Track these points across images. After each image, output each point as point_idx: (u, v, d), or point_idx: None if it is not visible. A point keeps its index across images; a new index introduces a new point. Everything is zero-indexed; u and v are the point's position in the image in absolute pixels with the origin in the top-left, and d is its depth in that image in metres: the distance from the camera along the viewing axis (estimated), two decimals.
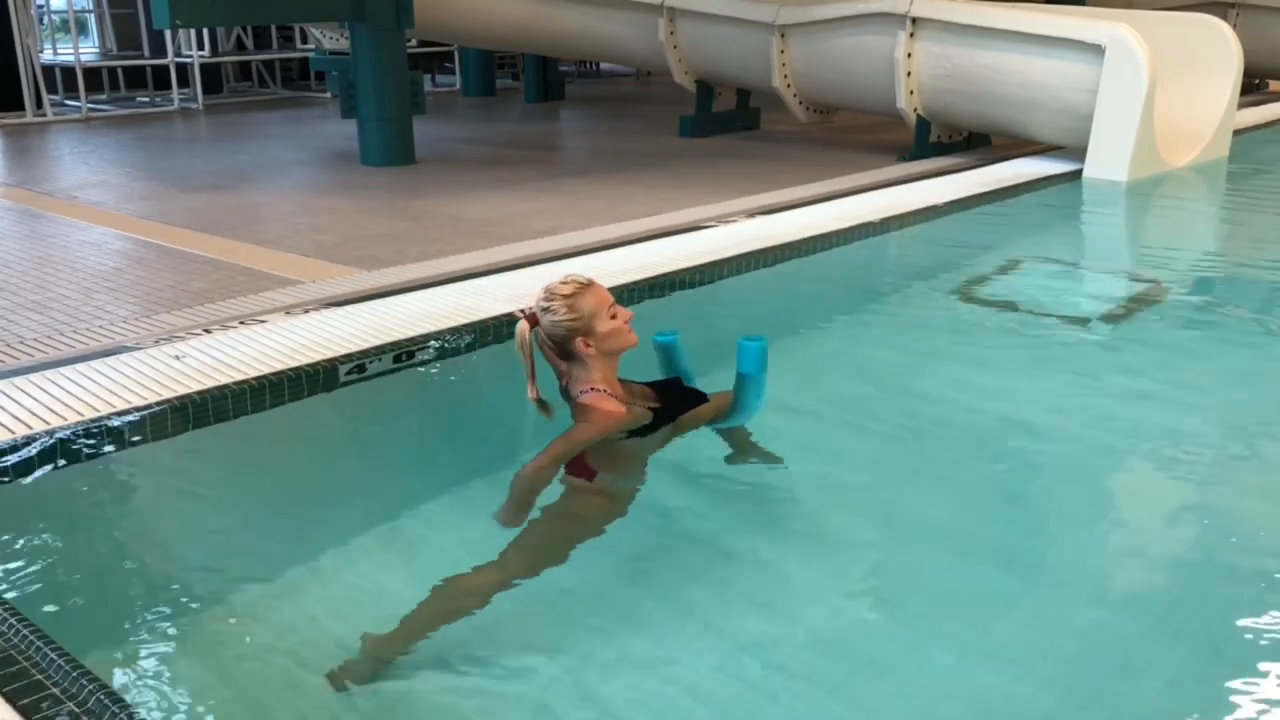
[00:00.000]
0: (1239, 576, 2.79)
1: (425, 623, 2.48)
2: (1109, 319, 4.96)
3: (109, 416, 3.40)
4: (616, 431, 2.87)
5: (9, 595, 2.49)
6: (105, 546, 2.96)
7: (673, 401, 3.08)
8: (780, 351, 4.11)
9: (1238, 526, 3.08)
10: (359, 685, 2.33)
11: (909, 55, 8.68)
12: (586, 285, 2.86)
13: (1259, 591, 2.71)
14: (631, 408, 2.94)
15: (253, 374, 3.75)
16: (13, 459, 3.18)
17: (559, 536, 2.78)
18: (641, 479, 2.94)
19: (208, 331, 4.26)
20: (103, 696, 2.03)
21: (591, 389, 2.90)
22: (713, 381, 3.21)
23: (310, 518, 3.11)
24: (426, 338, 4.21)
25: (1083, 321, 4.90)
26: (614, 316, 2.87)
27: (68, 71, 13.40)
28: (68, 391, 3.60)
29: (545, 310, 2.84)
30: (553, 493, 2.80)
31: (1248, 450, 3.58)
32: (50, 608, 2.51)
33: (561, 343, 2.85)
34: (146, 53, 14.34)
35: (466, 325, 4.34)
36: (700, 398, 3.12)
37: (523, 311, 2.93)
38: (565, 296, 2.85)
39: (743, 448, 3.24)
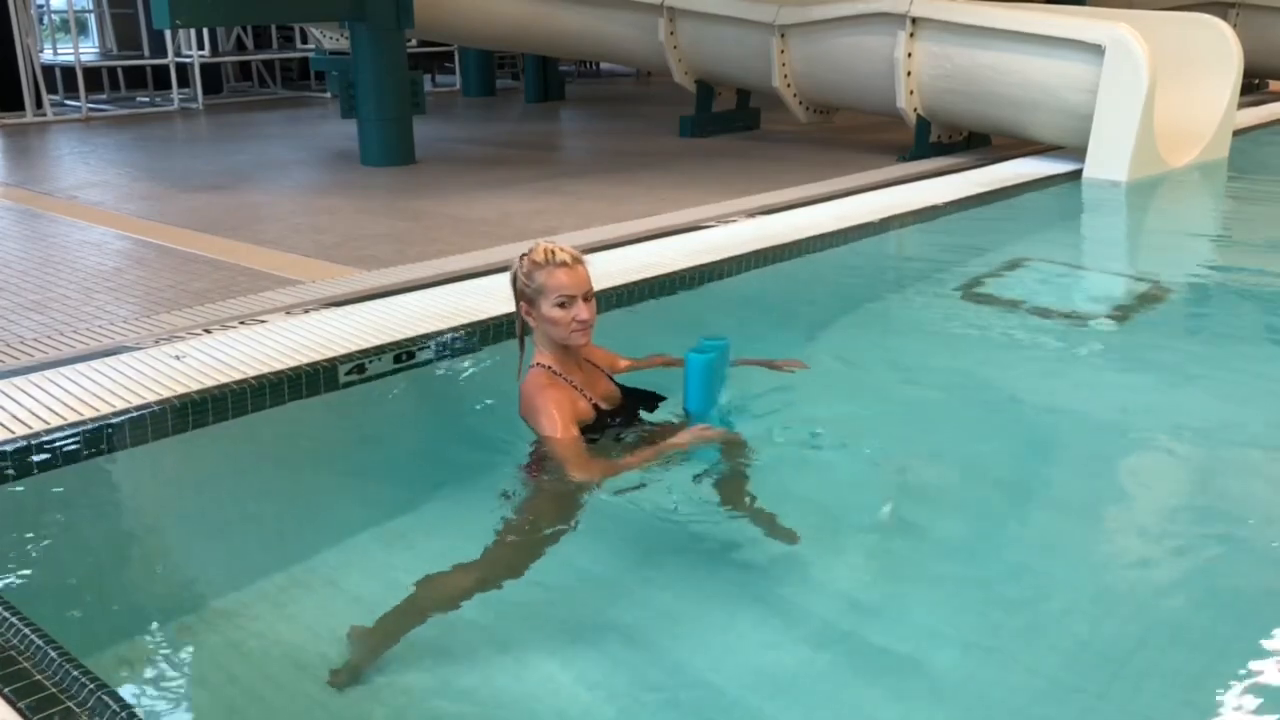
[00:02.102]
0: (1243, 577, 2.79)
1: (405, 620, 2.48)
2: (1109, 319, 4.96)
3: (109, 416, 3.40)
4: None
5: (9, 595, 2.49)
6: (105, 546, 2.96)
7: (626, 412, 3.07)
8: (779, 351, 4.11)
9: (1240, 526, 3.08)
10: (350, 683, 2.33)
11: (909, 55, 8.69)
12: (561, 265, 2.85)
13: (1262, 590, 2.71)
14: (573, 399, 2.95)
15: (253, 374, 3.75)
16: (14, 458, 3.18)
17: (527, 534, 2.80)
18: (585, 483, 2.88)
19: (208, 331, 4.26)
20: (103, 696, 2.03)
21: (538, 364, 2.95)
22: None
23: (310, 517, 3.11)
24: (426, 338, 4.21)
25: (1083, 321, 4.90)
26: (562, 305, 2.85)
27: (68, 71, 13.40)
28: (68, 391, 3.60)
29: (520, 261, 2.90)
30: (521, 493, 2.88)
31: (1248, 449, 3.58)
32: (50, 608, 2.51)
33: (515, 299, 2.93)
34: (146, 53, 14.33)
35: (466, 325, 4.34)
36: (646, 402, 3.12)
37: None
38: (534, 260, 2.88)
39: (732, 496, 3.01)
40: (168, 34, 13.25)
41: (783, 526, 2.81)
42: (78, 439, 3.30)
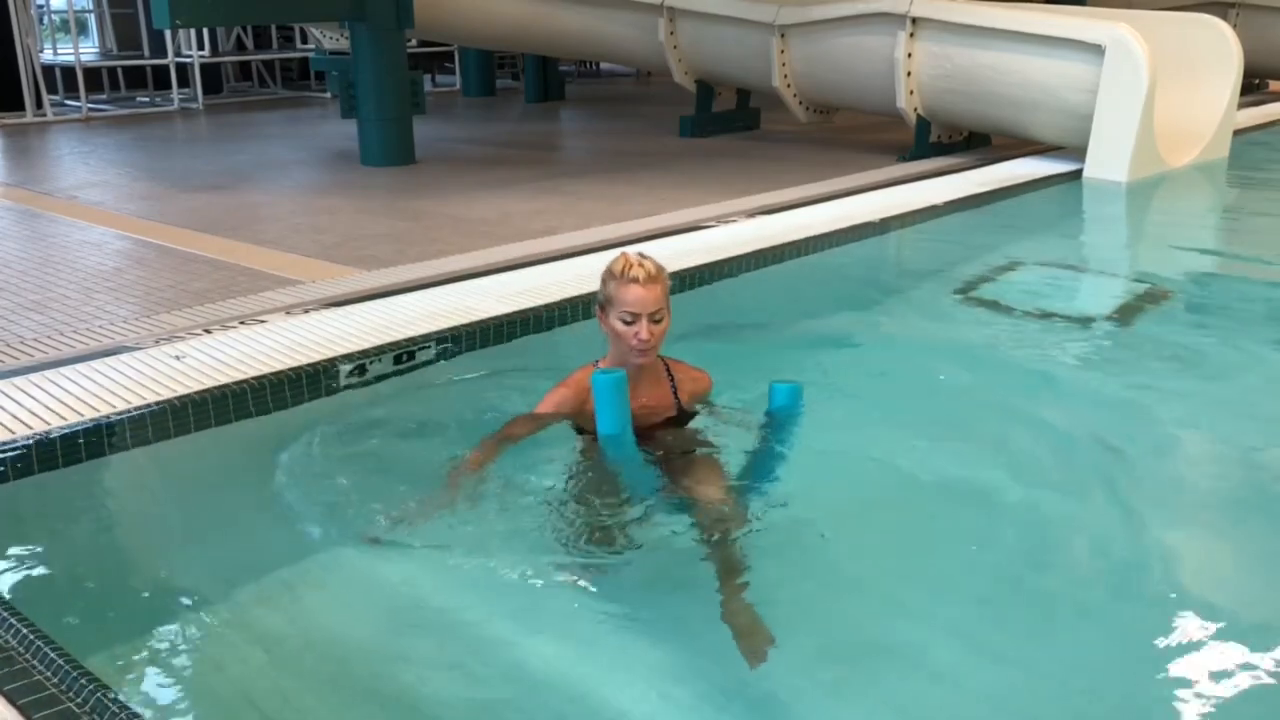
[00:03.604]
0: (1242, 581, 2.79)
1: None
2: (1109, 319, 4.95)
3: (109, 416, 3.40)
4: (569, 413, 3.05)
5: (9, 595, 2.49)
6: (105, 547, 2.96)
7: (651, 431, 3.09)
8: (778, 352, 4.12)
9: (1239, 527, 3.08)
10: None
11: (909, 55, 8.68)
12: (633, 281, 2.87)
13: (1259, 593, 2.71)
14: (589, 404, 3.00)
15: (253, 374, 3.75)
16: (14, 459, 3.18)
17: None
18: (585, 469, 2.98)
19: (208, 331, 4.26)
20: (103, 696, 2.03)
21: (597, 362, 3.03)
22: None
23: (310, 517, 3.11)
24: (426, 338, 4.21)
25: (1083, 322, 4.90)
26: (628, 322, 2.88)
27: (68, 71, 13.39)
28: (68, 391, 3.60)
29: (609, 264, 2.97)
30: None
31: (1248, 450, 3.58)
32: (50, 608, 2.51)
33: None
34: (146, 53, 14.33)
35: (466, 325, 4.34)
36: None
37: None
38: (612, 268, 2.93)
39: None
40: (168, 34, 13.25)
41: (761, 628, 2.44)
42: (78, 439, 3.29)
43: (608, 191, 7.79)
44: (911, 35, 8.61)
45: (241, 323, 4.39)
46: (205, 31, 14.27)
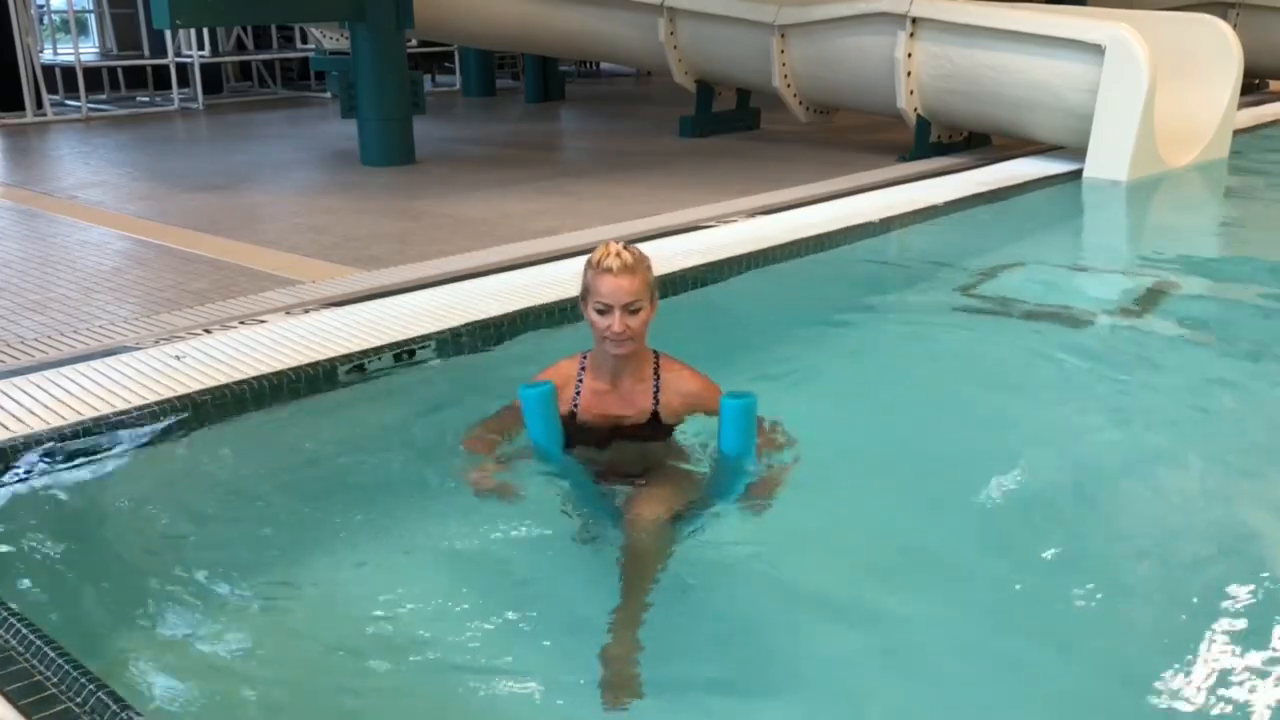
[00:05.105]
0: (1239, 579, 2.79)
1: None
2: (1109, 319, 4.95)
3: (109, 416, 3.40)
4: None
5: (8, 595, 2.49)
6: (105, 546, 2.96)
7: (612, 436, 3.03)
8: (776, 354, 4.11)
9: (1237, 528, 3.08)
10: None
11: (909, 55, 8.68)
12: (606, 271, 2.76)
13: (1257, 595, 2.71)
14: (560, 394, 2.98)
15: (253, 374, 3.75)
16: (13, 458, 3.18)
17: None
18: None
19: (208, 331, 4.26)
20: (103, 696, 2.03)
21: (580, 353, 3.00)
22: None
23: (309, 517, 3.11)
24: (426, 338, 4.21)
25: (1083, 322, 4.89)
26: (601, 311, 2.80)
27: (68, 71, 13.40)
28: (68, 391, 3.60)
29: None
30: None
31: (1247, 450, 3.58)
32: (50, 608, 2.51)
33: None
34: (146, 53, 14.33)
35: (466, 325, 4.34)
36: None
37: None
38: (591, 257, 2.85)
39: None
40: (168, 34, 13.25)
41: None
42: (78, 439, 3.29)
43: (608, 191, 7.80)
44: (911, 35, 8.61)
45: (241, 323, 4.39)
46: (205, 31, 14.28)
